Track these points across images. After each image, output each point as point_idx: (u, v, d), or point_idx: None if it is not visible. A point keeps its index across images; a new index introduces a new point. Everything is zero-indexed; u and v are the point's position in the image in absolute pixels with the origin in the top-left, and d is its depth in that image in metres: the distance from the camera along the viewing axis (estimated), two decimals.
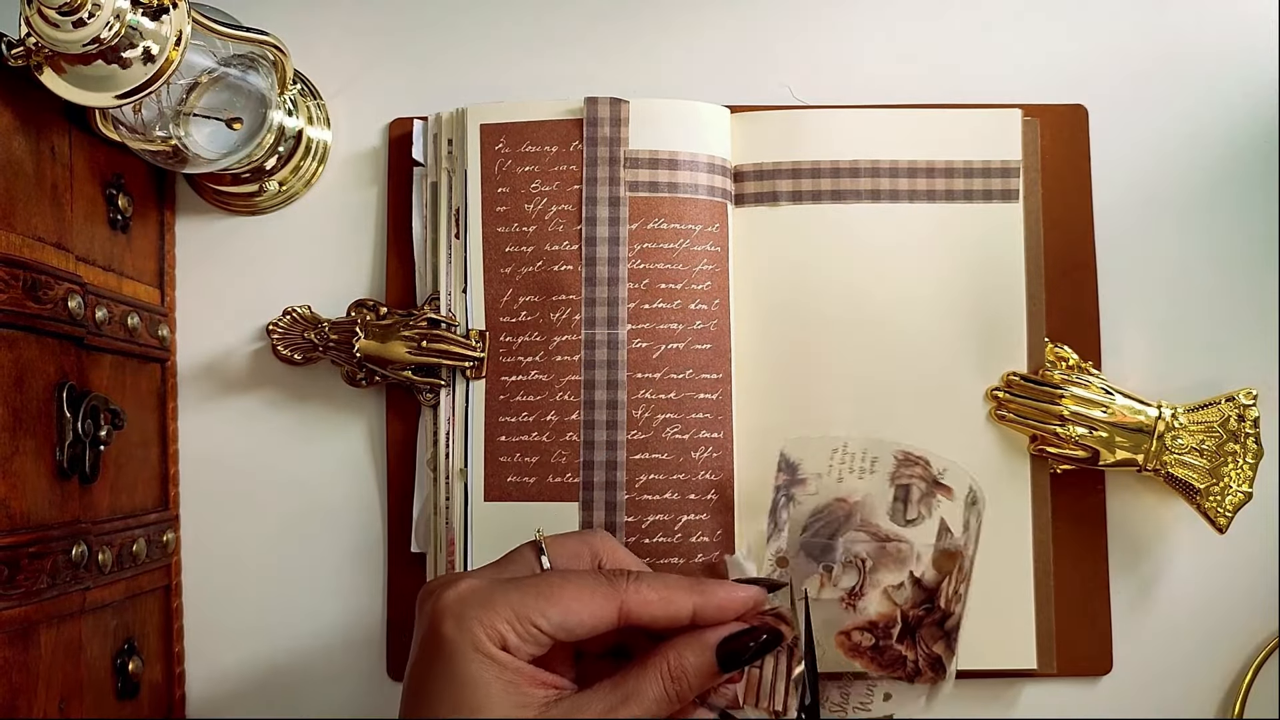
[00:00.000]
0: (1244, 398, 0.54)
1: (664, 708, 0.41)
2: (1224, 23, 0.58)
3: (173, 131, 0.53)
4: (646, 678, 0.41)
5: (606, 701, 0.40)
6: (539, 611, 0.40)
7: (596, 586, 0.41)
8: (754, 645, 0.42)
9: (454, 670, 0.39)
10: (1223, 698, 0.56)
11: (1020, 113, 0.56)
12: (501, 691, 0.39)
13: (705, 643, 0.42)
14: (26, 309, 0.44)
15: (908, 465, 0.45)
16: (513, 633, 0.40)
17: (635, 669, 0.41)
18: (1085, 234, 0.57)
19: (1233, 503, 0.53)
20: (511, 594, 0.40)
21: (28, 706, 0.43)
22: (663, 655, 0.41)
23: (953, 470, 0.45)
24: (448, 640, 0.40)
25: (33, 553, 0.43)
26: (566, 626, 0.40)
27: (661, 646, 0.42)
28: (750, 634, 0.42)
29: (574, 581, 0.41)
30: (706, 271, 0.54)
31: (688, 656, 0.41)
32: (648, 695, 0.40)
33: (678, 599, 0.42)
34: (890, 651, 0.46)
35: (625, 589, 0.41)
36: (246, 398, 0.57)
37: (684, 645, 0.41)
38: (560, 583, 0.41)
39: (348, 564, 0.57)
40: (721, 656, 0.41)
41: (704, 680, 0.41)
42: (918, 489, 0.45)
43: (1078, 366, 0.55)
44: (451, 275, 0.55)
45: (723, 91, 0.57)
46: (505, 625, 0.40)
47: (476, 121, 0.55)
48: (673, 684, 0.41)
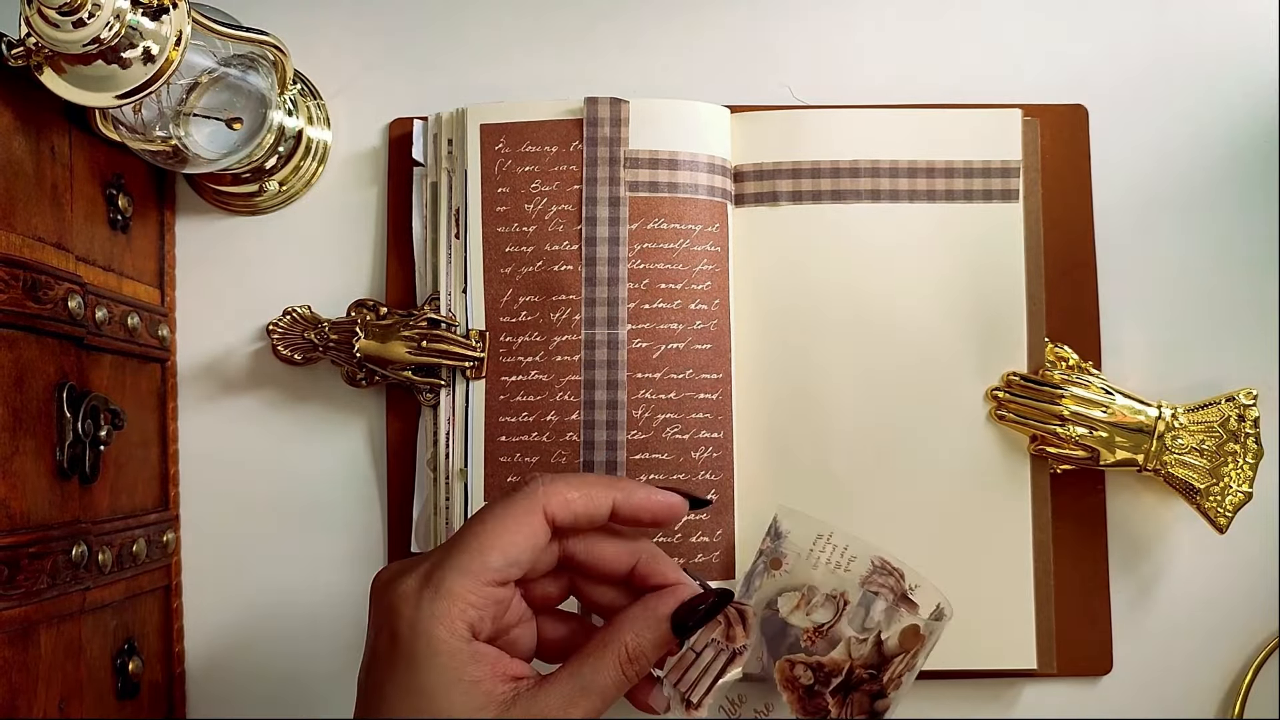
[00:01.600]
0: (1244, 398, 0.54)
1: (622, 690, 0.41)
2: (1224, 23, 0.58)
3: (173, 131, 0.53)
4: (604, 665, 0.41)
5: (565, 693, 0.40)
6: (482, 565, 0.40)
7: (516, 503, 0.41)
8: (703, 608, 0.42)
9: (412, 676, 0.39)
10: (1223, 698, 0.56)
11: (1020, 113, 0.56)
12: (462, 695, 0.39)
13: (657, 615, 0.42)
14: (26, 309, 0.44)
15: (882, 574, 0.46)
16: (471, 607, 0.39)
17: (593, 655, 0.41)
18: (1085, 234, 0.57)
19: (1233, 503, 0.53)
20: (454, 564, 0.40)
21: (28, 706, 0.43)
22: (618, 638, 0.41)
23: (925, 588, 0.45)
24: (402, 645, 0.39)
25: (33, 553, 0.43)
26: (512, 562, 0.40)
27: (616, 626, 0.42)
28: (700, 598, 0.42)
29: (496, 513, 0.41)
30: (706, 271, 0.54)
31: (644, 634, 0.41)
32: (606, 682, 0.41)
33: (597, 494, 0.42)
34: (819, 700, 0.46)
35: (543, 493, 0.41)
36: (246, 398, 0.57)
37: (639, 622, 0.42)
38: (485, 522, 0.41)
39: (348, 564, 0.57)
40: (675, 625, 0.42)
41: (659, 653, 0.42)
42: (884, 600, 0.46)
43: (1078, 366, 0.55)
44: (451, 275, 0.55)
45: (723, 91, 0.57)
46: (462, 604, 0.39)
47: (476, 121, 0.55)
48: (630, 666, 0.41)
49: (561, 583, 0.45)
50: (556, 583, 0.45)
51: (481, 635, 0.40)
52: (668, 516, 0.43)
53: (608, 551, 0.43)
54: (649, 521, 0.43)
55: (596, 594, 0.44)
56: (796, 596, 0.46)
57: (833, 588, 0.46)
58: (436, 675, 0.39)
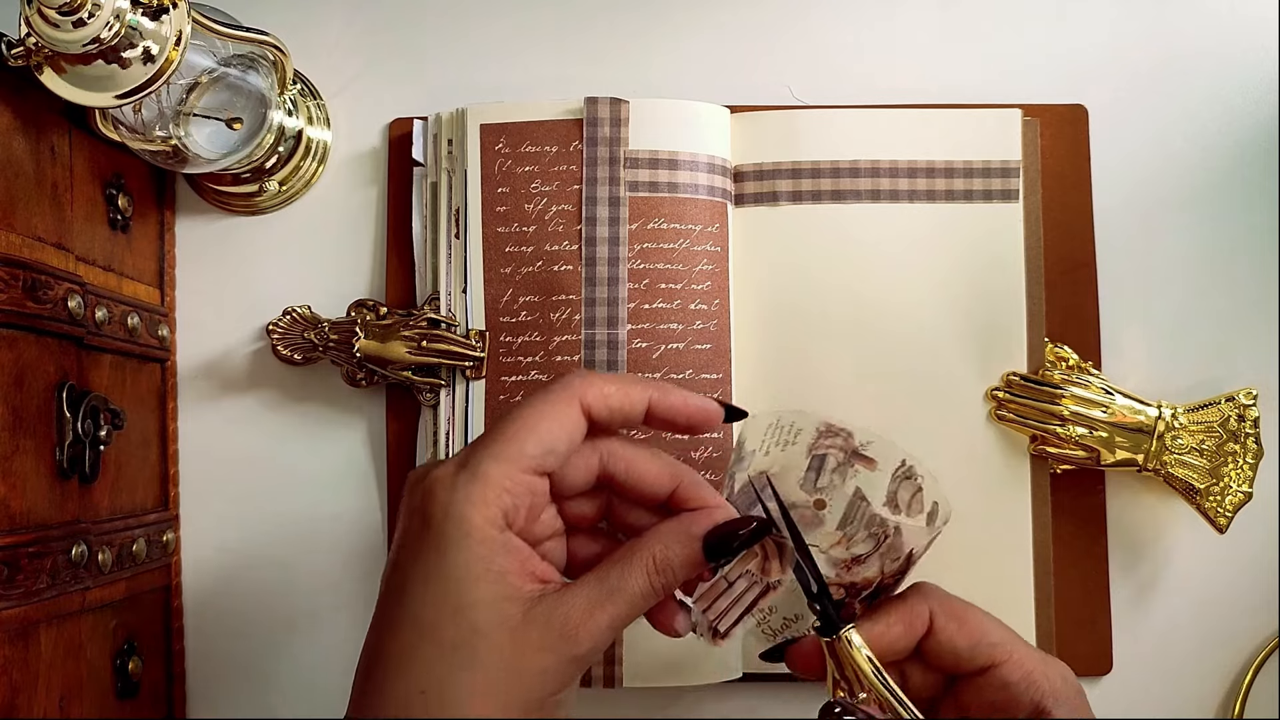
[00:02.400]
0: (1244, 398, 0.54)
1: (649, 600, 0.40)
2: (1224, 23, 0.58)
3: (173, 131, 0.53)
4: (632, 571, 0.39)
5: (591, 596, 0.39)
6: (518, 451, 0.39)
7: (553, 393, 0.40)
8: (744, 534, 0.40)
9: (440, 560, 0.38)
10: (1223, 698, 0.56)
11: (1020, 113, 0.56)
12: (489, 585, 0.38)
13: (690, 533, 0.40)
14: (26, 309, 0.44)
15: (828, 436, 0.44)
16: (506, 493, 0.38)
17: (620, 561, 0.40)
18: (1085, 234, 0.57)
19: (1233, 503, 0.53)
20: (490, 451, 0.39)
21: (28, 706, 0.43)
22: (648, 547, 0.40)
23: (880, 444, 0.44)
24: (434, 528, 0.38)
25: (32, 552, 0.43)
26: (549, 449, 0.39)
27: (646, 537, 0.40)
28: (737, 523, 0.41)
29: (533, 403, 0.40)
30: (706, 271, 0.54)
31: (674, 548, 0.40)
32: (633, 589, 0.39)
33: (633, 390, 0.41)
34: (847, 610, 0.45)
35: (580, 385, 0.40)
36: (246, 398, 0.57)
37: (670, 536, 0.40)
38: (522, 411, 0.40)
39: (348, 564, 0.57)
40: (708, 546, 0.40)
41: (689, 571, 0.40)
42: (834, 458, 0.44)
43: (1078, 366, 0.55)
44: (451, 275, 0.55)
45: (723, 91, 0.57)
46: (498, 489, 0.38)
47: (476, 121, 0.55)
48: (658, 576, 0.40)
49: (597, 502, 0.44)
50: (592, 502, 0.43)
51: (515, 527, 0.39)
52: (703, 420, 0.42)
53: (649, 472, 0.42)
54: (684, 424, 0.42)
55: (632, 517, 0.43)
56: (837, 537, 0.45)
57: (781, 464, 0.45)
58: (465, 560, 0.38)
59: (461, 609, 0.37)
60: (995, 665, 0.42)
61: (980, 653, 0.42)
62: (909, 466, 0.44)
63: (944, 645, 0.42)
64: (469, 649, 0.37)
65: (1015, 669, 0.42)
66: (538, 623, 0.38)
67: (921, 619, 0.42)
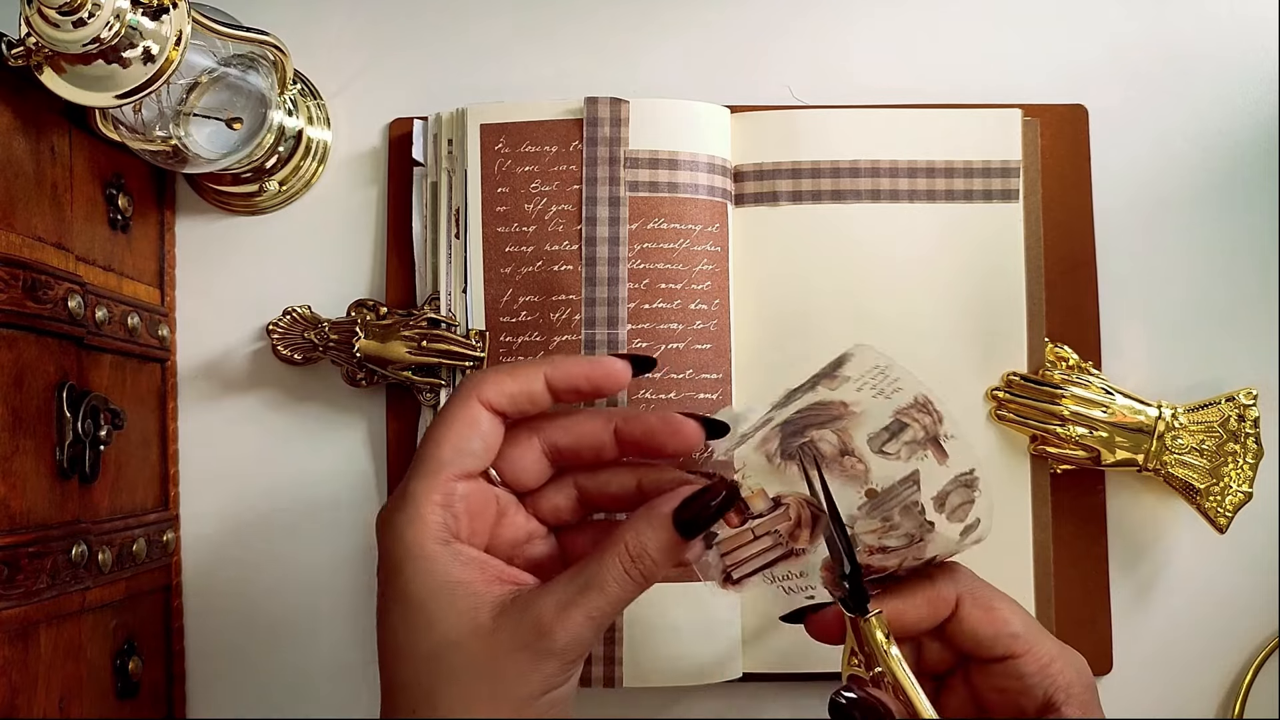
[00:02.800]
0: (1244, 398, 0.54)
1: (630, 590, 0.39)
2: (1224, 23, 0.58)
3: (173, 131, 0.53)
4: (605, 563, 0.39)
5: (565, 592, 0.39)
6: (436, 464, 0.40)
7: (452, 402, 0.41)
8: (714, 504, 0.40)
9: (399, 586, 0.39)
10: (1223, 698, 0.56)
11: (1020, 113, 0.56)
12: (449, 598, 0.38)
13: (660, 514, 0.40)
14: (26, 309, 0.44)
15: (920, 410, 0.44)
16: (437, 506, 0.39)
17: (594, 556, 0.40)
18: (1085, 234, 0.57)
19: (1233, 503, 0.53)
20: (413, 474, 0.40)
21: (27, 706, 0.43)
22: (620, 537, 0.40)
23: (960, 443, 0.44)
24: (389, 560, 0.39)
25: (32, 552, 0.43)
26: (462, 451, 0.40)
27: (620, 527, 0.40)
28: (704, 494, 0.40)
29: (438, 419, 0.41)
30: (706, 271, 0.54)
31: (645, 533, 0.39)
32: (607, 581, 0.39)
33: (527, 372, 0.42)
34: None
35: (473, 384, 0.41)
36: (246, 398, 0.57)
37: (640, 522, 0.40)
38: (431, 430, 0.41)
39: (348, 564, 0.57)
40: (680, 524, 0.40)
41: (670, 554, 0.40)
42: (912, 432, 0.44)
43: (1078, 366, 0.55)
44: (451, 275, 0.55)
45: (723, 91, 0.57)
46: (428, 505, 0.39)
47: (476, 121, 0.55)
48: (633, 565, 0.39)
49: (568, 495, 0.44)
50: (563, 495, 0.44)
51: (462, 536, 0.40)
52: (606, 381, 0.42)
53: (614, 480, 0.43)
54: (589, 390, 0.42)
55: (604, 486, 0.44)
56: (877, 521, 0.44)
57: (865, 409, 0.44)
58: (419, 580, 0.38)
59: (431, 624, 0.38)
60: (1014, 656, 0.42)
61: (1001, 643, 0.42)
62: (974, 476, 0.43)
63: (966, 631, 0.42)
64: (445, 661, 0.38)
65: (1033, 661, 0.42)
66: (508, 625, 0.38)
67: (947, 603, 0.42)
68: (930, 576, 0.43)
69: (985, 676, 0.43)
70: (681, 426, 0.42)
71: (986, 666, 0.43)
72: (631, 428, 0.42)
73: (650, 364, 0.44)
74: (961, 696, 0.44)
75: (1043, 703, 0.42)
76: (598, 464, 0.44)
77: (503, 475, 0.43)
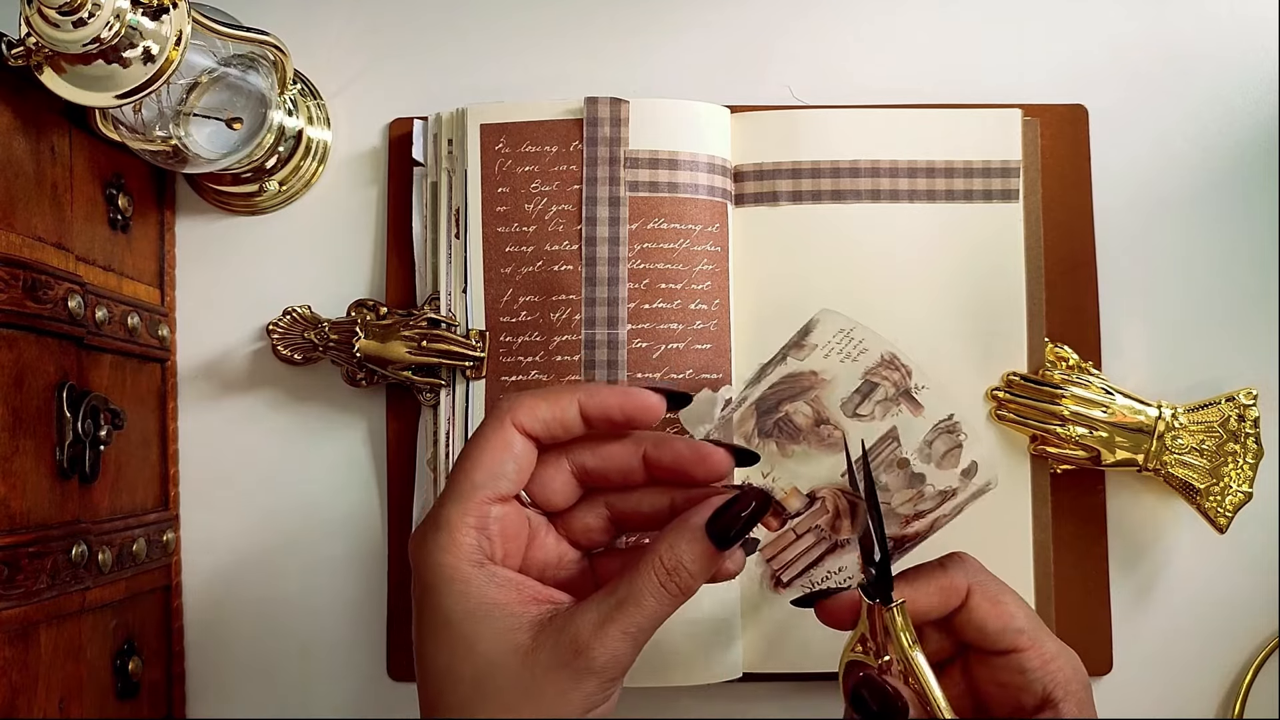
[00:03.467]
0: (1244, 398, 0.54)
1: (666, 604, 0.39)
2: (1224, 23, 0.58)
3: (173, 131, 0.53)
4: (640, 578, 0.39)
5: (601, 609, 0.39)
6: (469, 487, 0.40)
7: (486, 425, 0.41)
8: (745, 515, 0.40)
9: (435, 611, 0.39)
10: (1223, 698, 0.56)
11: (1020, 113, 0.56)
12: (486, 619, 0.38)
13: (692, 526, 0.40)
14: (26, 309, 0.44)
15: (888, 368, 0.44)
16: (470, 530, 0.39)
17: (629, 572, 0.39)
18: (1085, 234, 0.57)
19: (1233, 503, 0.53)
20: (446, 497, 0.40)
21: (27, 706, 0.43)
22: (654, 551, 0.40)
23: (935, 393, 0.44)
24: (424, 583, 0.39)
25: (32, 552, 0.43)
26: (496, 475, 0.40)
27: (653, 543, 0.40)
28: (736, 504, 0.40)
29: (471, 442, 0.41)
30: (706, 271, 0.54)
31: (680, 546, 0.39)
32: (643, 596, 0.39)
33: (561, 399, 0.41)
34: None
35: (507, 407, 0.41)
36: (246, 398, 0.57)
37: (673, 535, 0.40)
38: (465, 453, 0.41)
39: (348, 564, 0.57)
40: (714, 535, 0.40)
41: (706, 564, 0.40)
42: (883, 390, 0.44)
43: (1078, 366, 0.55)
44: (451, 275, 0.55)
45: (723, 91, 0.57)
46: (462, 528, 0.39)
47: (476, 121, 0.55)
48: (669, 578, 0.39)
49: (599, 515, 0.44)
50: (594, 515, 0.44)
51: (496, 558, 0.40)
52: (640, 414, 0.42)
53: (645, 500, 0.43)
54: (622, 421, 0.42)
55: (636, 506, 0.43)
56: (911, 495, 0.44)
57: (834, 375, 0.44)
58: (454, 602, 0.39)
59: (471, 647, 0.38)
60: (1018, 651, 0.42)
61: (1006, 637, 0.42)
62: (954, 421, 0.44)
63: (973, 623, 0.43)
64: (487, 681, 0.38)
65: (1035, 657, 0.42)
66: (547, 644, 0.38)
67: (958, 593, 0.43)
68: (943, 566, 0.44)
69: (986, 669, 0.43)
70: (710, 455, 0.42)
71: (988, 659, 0.43)
72: (661, 454, 0.42)
73: (686, 400, 0.43)
74: (960, 687, 0.44)
75: (1042, 699, 0.42)
76: (626, 486, 0.43)
77: (533, 497, 0.43)
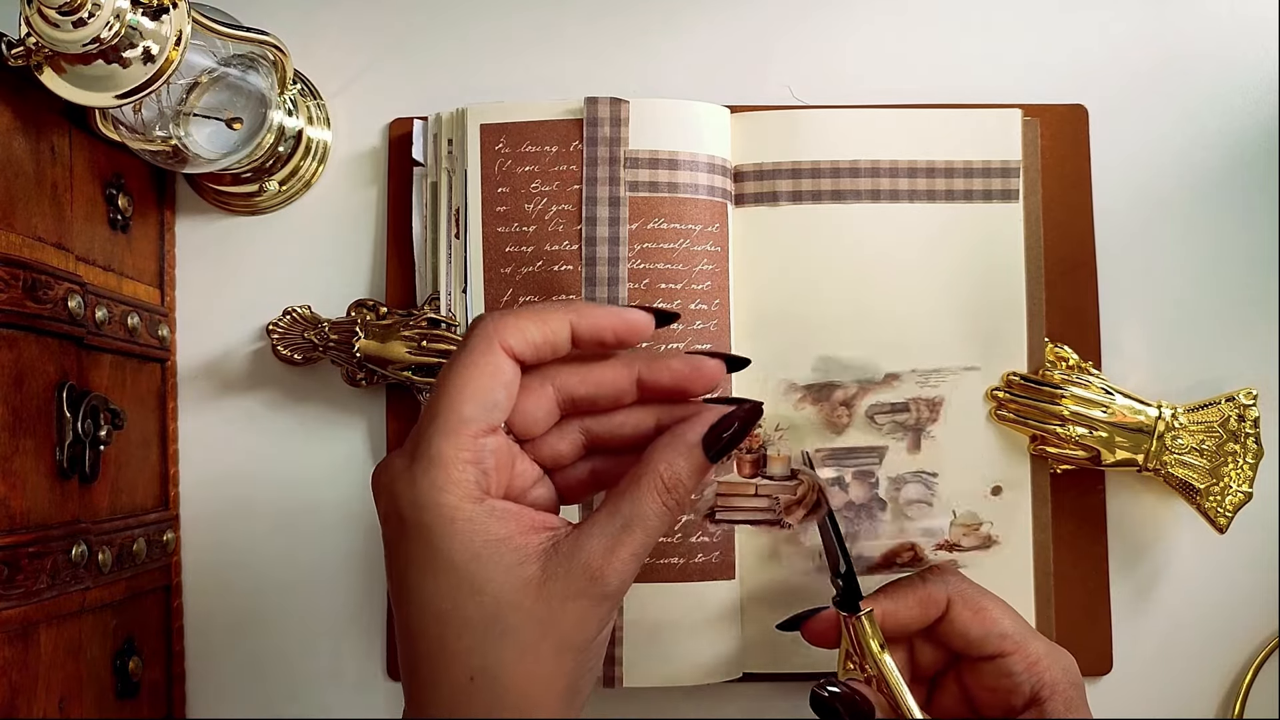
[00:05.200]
0: (1244, 398, 0.54)
1: (665, 522, 0.39)
2: (1224, 23, 0.58)
3: (173, 131, 0.53)
4: (642, 497, 0.38)
5: (608, 532, 0.38)
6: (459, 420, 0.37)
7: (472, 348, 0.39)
8: (738, 424, 0.39)
9: (432, 553, 0.37)
10: (1223, 698, 0.56)
11: (1020, 113, 0.56)
12: (492, 556, 0.37)
13: (689, 442, 0.39)
14: (26, 309, 0.44)
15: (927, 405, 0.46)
16: (468, 465, 0.37)
17: (627, 491, 0.38)
18: (1085, 234, 0.57)
19: (1233, 503, 0.53)
20: (434, 429, 0.38)
21: (27, 706, 0.43)
22: (653, 468, 0.39)
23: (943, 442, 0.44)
24: (414, 523, 0.37)
25: (32, 552, 0.43)
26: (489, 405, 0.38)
27: (648, 459, 0.39)
28: (731, 417, 0.40)
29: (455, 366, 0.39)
30: (706, 271, 0.54)
31: (678, 462, 0.39)
32: (648, 515, 0.38)
33: (552, 319, 0.39)
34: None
35: (494, 329, 0.39)
36: (246, 398, 0.57)
37: (671, 451, 0.39)
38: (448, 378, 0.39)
39: (347, 564, 0.57)
40: (710, 450, 0.39)
41: (697, 480, 0.39)
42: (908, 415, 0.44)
43: (1078, 366, 0.55)
44: (451, 275, 0.55)
45: (723, 91, 0.57)
46: (459, 464, 0.37)
47: (476, 121, 0.55)
48: (669, 495, 0.38)
49: (571, 437, 0.42)
50: (566, 441, 0.42)
51: (493, 491, 0.38)
52: (628, 332, 0.41)
53: (607, 375, 0.41)
54: (613, 340, 0.40)
55: (615, 429, 0.42)
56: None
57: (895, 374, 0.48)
58: (458, 543, 0.37)
59: (477, 588, 0.37)
60: (1003, 655, 0.44)
61: (990, 642, 0.44)
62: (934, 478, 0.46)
63: (956, 630, 0.45)
64: (499, 622, 0.37)
65: (1021, 660, 0.44)
66: (559, 573, 0.37)
67: (938, 604, 0.45)
68: (922, 579, 0.46)
69: (976, 675, 0.45)
70: (704, 366, 0.41)
71: (977, 665, 0.45)
72: (658, 375, 0.41)
73: (673, 318, 0.42)
74: (955, 696, 0.46)
75: (1029, 698, 0.44)
76: (613, 410, 0.42)
77: (511, 425, 0.41)
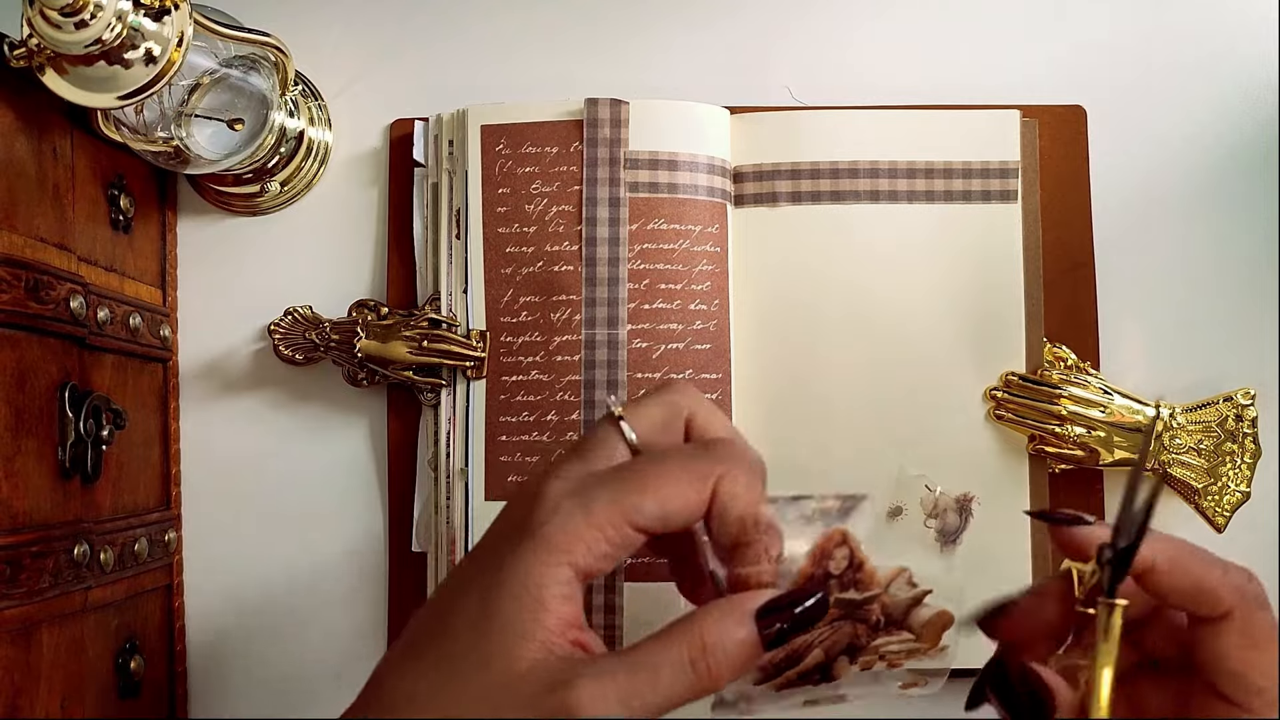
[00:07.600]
0: (1242, 398, 0.54)
1: (684, 685, 0.33)
2: (1223, 23, 0.58)
3: (174, 132, 0.53)
4: (667, 647, 0.34)
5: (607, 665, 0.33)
6: (633, 505, 0.34)
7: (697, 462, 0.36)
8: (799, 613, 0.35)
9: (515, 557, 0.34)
10: None
11: (1019, 113, 0.56)
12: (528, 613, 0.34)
13: (744, 610, 0.35)
14: (29, 309, 0.44)
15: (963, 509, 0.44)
16: (599, 540, 0.34)
17: (653, 639, 0.34)
18: (1084, 234, 0.57)
19: (1231, 502, 0.53)
20: (608, 485, 0.35)
21: (29, 705, 0.43)
22: (696, 624, 0.34)
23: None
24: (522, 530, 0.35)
25: (35, 552, 0.43)
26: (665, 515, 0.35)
27: (691, 615, 0.35)
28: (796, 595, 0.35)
29: (671, 464, 0.36)
30: (706, 272, 0.54)
31: (728, 626, 0.34)
32: (662, 665, 0.33)
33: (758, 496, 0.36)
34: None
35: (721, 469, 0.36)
36: (248, 398, 0.57)
37: (720, 611, 0.35)
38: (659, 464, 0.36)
39: (348, 564, 0.57)
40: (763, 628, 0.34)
41: (742, 654, 0.34)
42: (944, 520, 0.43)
43: (1076, 366, 0.56)
44: (452, 275, 0.55)
45: (722, 92, 0.57)
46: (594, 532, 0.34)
47: (477, 122, 0.55)
48: (703, 655, 0.34)
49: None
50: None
51: (583, 577, 0.35)
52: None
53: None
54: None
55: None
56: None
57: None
58: (522, 573, 0.34)
59: (486, 616, 0.34)
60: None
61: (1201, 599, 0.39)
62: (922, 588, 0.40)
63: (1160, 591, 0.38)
64: (461, 660, 0.34)
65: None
66: (531, 678, 0.33)
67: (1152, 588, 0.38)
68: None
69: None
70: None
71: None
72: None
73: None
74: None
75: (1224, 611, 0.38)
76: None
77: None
